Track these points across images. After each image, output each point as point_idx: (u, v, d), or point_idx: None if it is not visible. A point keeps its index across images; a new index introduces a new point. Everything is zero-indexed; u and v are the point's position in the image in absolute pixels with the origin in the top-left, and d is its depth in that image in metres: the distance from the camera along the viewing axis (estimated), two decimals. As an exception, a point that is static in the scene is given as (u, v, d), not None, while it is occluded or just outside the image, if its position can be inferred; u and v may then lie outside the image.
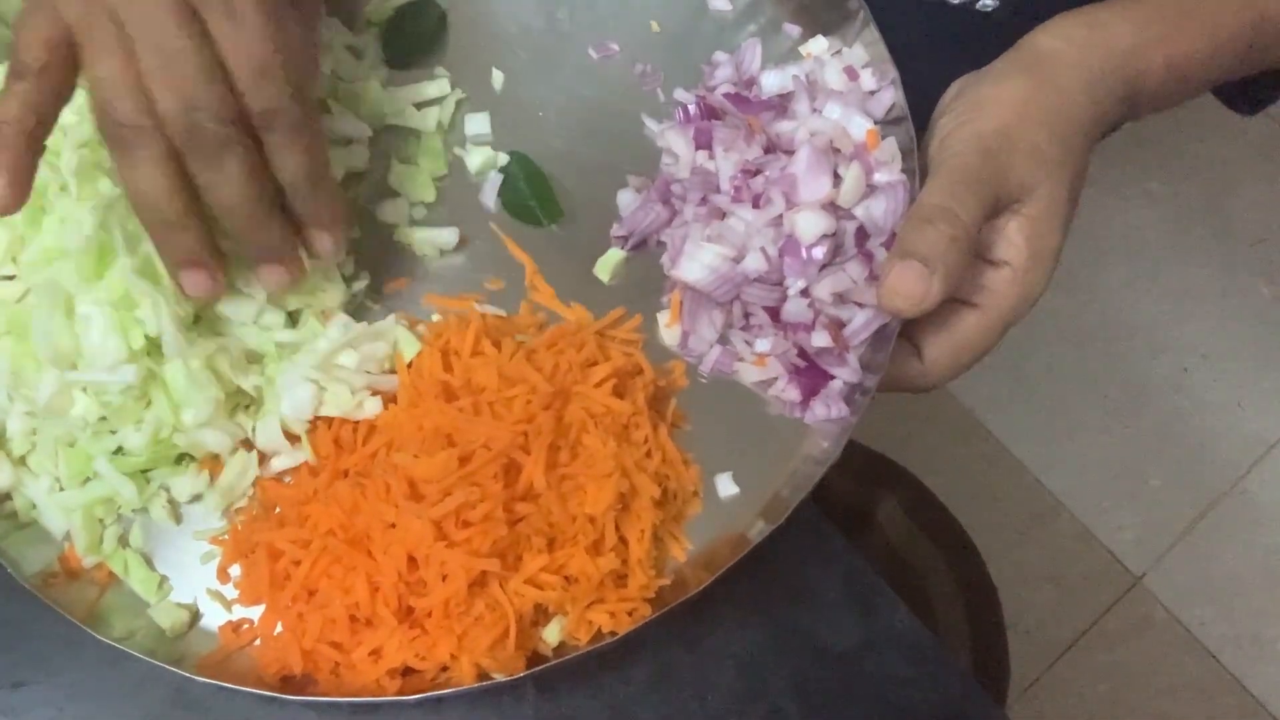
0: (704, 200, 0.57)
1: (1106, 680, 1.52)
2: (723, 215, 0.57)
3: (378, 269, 0.58)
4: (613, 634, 0.50)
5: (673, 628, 0.54)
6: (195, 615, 0.51)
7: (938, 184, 0.52)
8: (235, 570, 0.51)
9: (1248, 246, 1.77)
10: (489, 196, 0.60)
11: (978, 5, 0.65)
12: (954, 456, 1.61)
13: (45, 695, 0.52)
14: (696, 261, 0.55)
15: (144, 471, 0.53)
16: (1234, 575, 1.58)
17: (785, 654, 0.55)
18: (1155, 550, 1.59)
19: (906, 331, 0.55)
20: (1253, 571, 1.59)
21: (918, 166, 0.56)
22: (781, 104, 0.59)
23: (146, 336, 0.51)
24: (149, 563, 0.52)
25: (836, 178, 0.55)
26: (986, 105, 0.54)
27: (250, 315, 0.54)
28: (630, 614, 0.50)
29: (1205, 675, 1.52)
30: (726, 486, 0.54)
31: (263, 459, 0.53)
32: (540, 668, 0.49)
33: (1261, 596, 1.57)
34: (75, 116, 0.53)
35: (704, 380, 0.57)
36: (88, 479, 0.52)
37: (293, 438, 0.53)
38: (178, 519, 0.53)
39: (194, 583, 0.52)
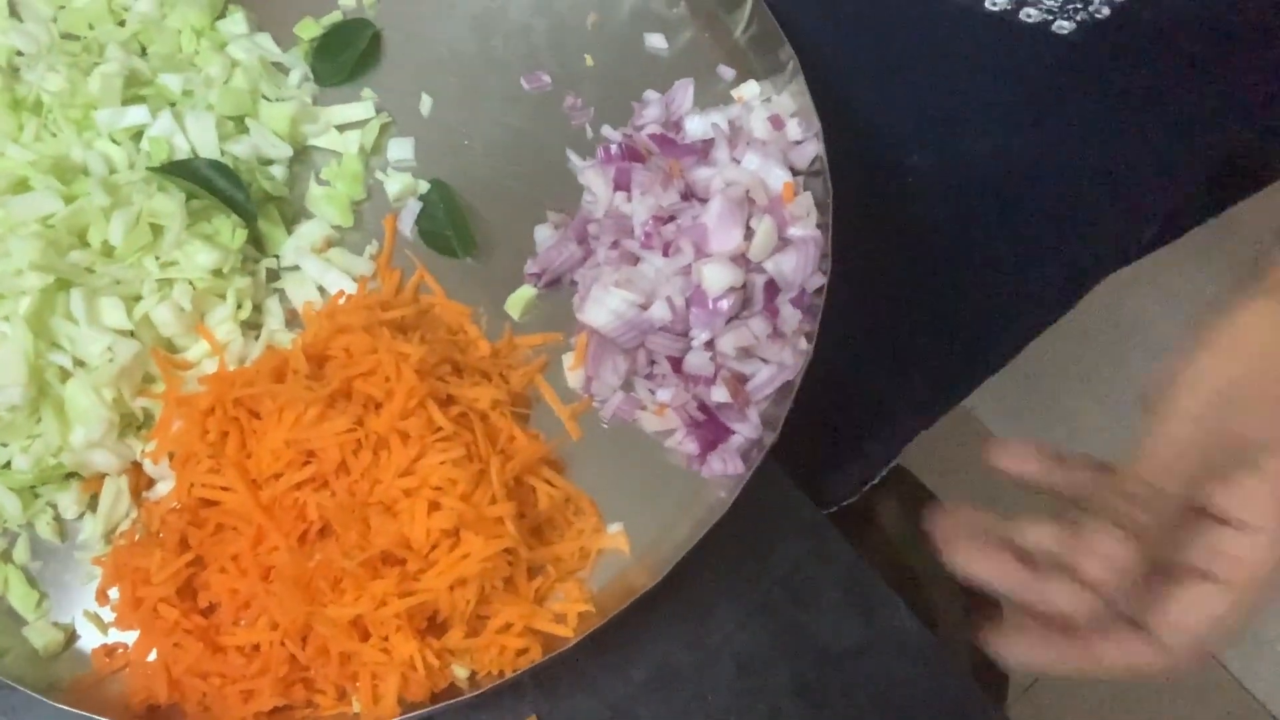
0: (616, 244, 0.57)
1: (1106, 680, 1.51)
2: (635, 260, 0.56)
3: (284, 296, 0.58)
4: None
5: (673, 628, 0.54)
6: (72, 636, 0.51)
7: (1151, 456, 0.46)
8: (114, 593, 0.51)
9: (1248, 247, 1.76)
10: (406, 224, 0.60)
11: (1053, 27, 0.60)
12: (954, 456, 1.60)
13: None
14: (603, 306, 0.55)
15: (32, 487, 0.52)
16: (1234, 575, 1.59)
17: (785, 654, 0.56)
18: (1155, 550, 1.60)
19: (1134, 617, 0.49)
20: (1253, 572, 1.59)
21: (831, 222, 0.56)
22: (704, 149, 0.59)
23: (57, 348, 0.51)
24: (30, 580, 0.52)
25: (750, 230, 0.55)
26: (1224, 345, 0.48)
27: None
28: (519, 654, 0.50)
29: (1205, 675, 1.51)
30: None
31: (151, 483, 0.53)
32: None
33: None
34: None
35: (605, 426, 0.56)
36: (-27, 493, 0.52)
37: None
38: (63, 536, 0.53)
39: (74, 603, 0.52)
